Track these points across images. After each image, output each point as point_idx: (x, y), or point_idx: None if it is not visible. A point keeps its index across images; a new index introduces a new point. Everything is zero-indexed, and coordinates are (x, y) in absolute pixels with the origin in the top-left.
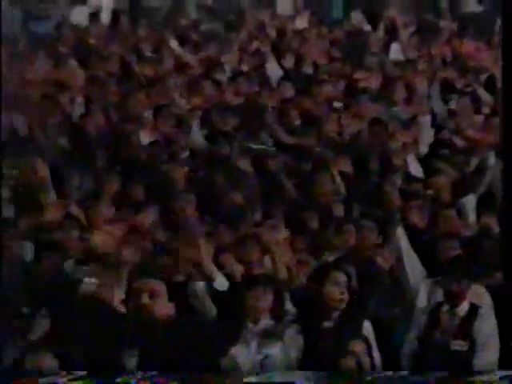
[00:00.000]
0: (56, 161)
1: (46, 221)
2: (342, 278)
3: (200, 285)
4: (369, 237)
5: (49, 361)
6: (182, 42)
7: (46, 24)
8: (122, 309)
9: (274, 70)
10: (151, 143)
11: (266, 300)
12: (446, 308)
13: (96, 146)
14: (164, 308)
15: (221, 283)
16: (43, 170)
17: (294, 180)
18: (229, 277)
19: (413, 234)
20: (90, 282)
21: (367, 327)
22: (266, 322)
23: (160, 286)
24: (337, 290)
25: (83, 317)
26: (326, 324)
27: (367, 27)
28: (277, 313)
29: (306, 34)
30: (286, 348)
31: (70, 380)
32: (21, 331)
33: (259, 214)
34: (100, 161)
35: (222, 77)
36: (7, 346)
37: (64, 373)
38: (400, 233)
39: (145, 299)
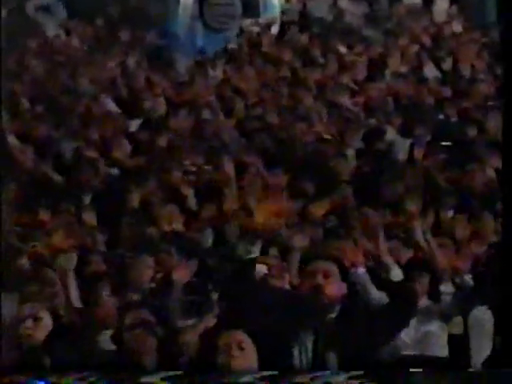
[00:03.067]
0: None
1: (225, 210)
2: None
3: (361, 272)
4: None
5: None
6: (347, 46)
7: (225, 35)
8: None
9: (431, 71)
10: (321, 140)
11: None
12: None
13: (269, 144)
14: (337, 288)
15: (396, 274)
16: (229, 167)
17: (447, 173)
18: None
19: None
20: (261, 268)
21: None
22: (424, 301)
23: (333, 267)
24: None
25: (257, 301)
26: None
27: None
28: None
29: (461, 38)
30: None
31: None
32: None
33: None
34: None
35: (383, 78)
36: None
37: None
38: None
39: (319, 279)
